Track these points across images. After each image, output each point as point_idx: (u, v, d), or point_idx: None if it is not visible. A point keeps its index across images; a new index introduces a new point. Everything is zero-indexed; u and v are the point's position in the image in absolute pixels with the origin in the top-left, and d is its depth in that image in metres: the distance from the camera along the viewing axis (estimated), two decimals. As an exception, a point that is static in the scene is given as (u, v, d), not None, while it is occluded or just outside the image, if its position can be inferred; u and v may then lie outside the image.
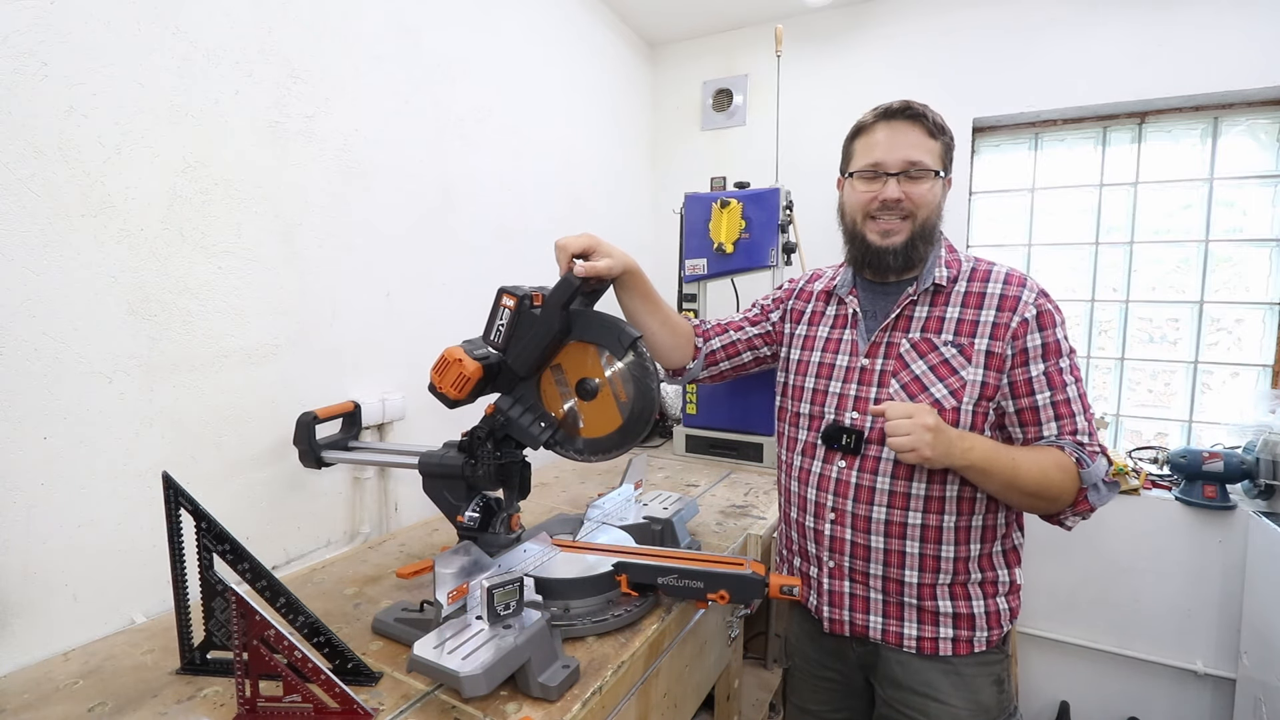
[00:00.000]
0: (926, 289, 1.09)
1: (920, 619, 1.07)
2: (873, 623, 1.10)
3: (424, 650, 0.79)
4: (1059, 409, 1.02)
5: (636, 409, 1.02)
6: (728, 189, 2.07)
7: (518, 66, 1.95)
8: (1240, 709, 2.01)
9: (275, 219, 1.25)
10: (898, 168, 1.05)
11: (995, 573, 1.08)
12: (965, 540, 1.06)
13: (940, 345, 1.06)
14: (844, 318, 1.18)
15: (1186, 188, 2.19)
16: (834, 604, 1.13)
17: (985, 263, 1.11)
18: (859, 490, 1.08)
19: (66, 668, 0.91)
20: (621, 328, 1.02)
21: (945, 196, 1.11)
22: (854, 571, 1.10)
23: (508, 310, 1.01)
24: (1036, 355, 1.02)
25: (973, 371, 1.03)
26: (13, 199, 0.89)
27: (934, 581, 1.06)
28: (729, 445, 2.06)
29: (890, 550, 1.07)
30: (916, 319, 1.09)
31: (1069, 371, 1.03)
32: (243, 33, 1.18)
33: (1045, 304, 1.04)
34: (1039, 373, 1.02)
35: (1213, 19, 1.97)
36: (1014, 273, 1.08)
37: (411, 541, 1.41)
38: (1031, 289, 1.05)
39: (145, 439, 1.06)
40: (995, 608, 1.08)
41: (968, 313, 1.06)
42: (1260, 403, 2.04)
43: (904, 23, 2.39)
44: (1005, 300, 1.04)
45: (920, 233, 1.07)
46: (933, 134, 1.06)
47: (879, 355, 1.10)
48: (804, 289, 1.29)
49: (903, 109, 1.07)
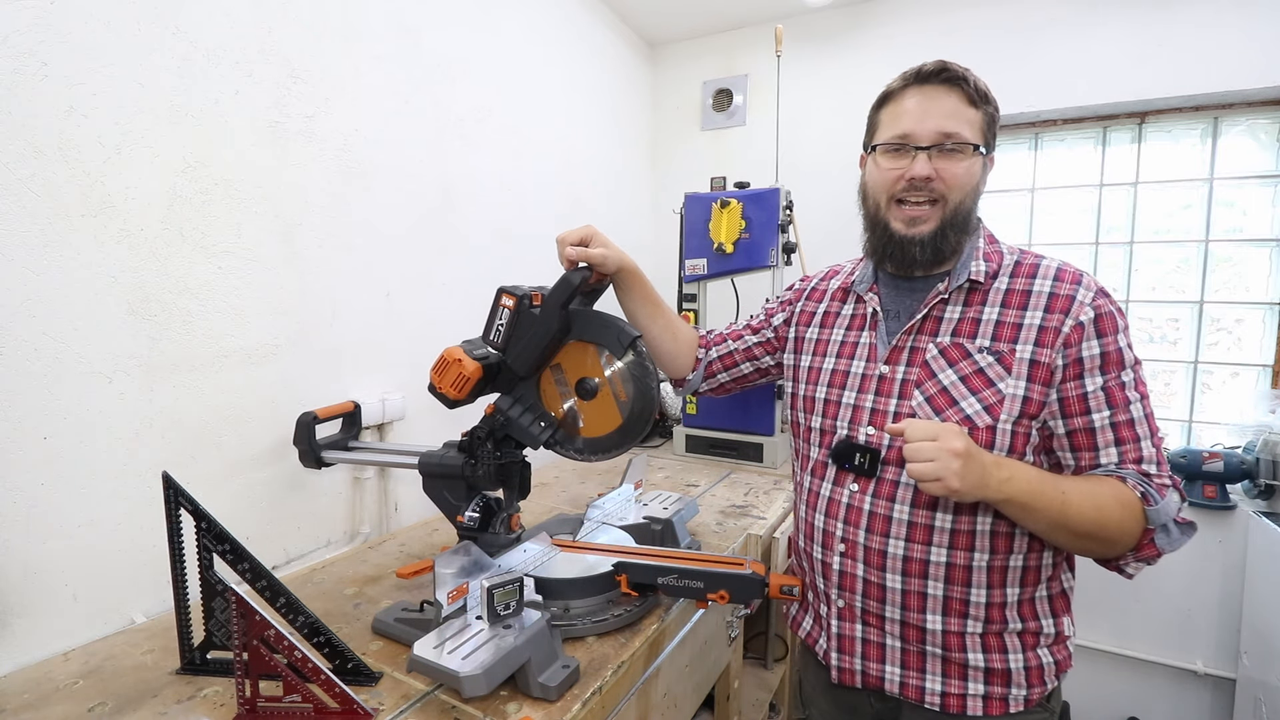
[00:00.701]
0: (960, 285, 0.93)
1: (945, 671, 0.91)
2: (889, 674, 0.94)
3: (424, 650, 0.79)
4: (1120, 432, 0.84)
5: (636, 408, 1.02)
6: (728, 189, 2.07)
7: (518, 66, 1.95)
8: (1240, 709, 2.01)
9: (275, 219, 1.25)
10: (930, 140, 0.89)
11: (1038, 622, 0.91)
12: (1001, 583, 0.89)
13: (975, 352, 0.90)
14: (862, 318, 1.03)
15: (1186, 188, 2.19)
16: (844, 650, 0.98)
17: (1033, 256, 0.95)
18: (873, 519, 0.93)
19: (66, 668, 0.91)
20: (621, 327, 1.02)
21: (985, 178, 0.95)
22: (867, 613, 0.95)
23: (507, 310, 1.01)
24: (1094, 366, 0.85)
25: (1012, 384, 0.87)
26: (13, 199, 0.89)
27: (962, 629, 0.90)
28: (729, 445, 2.06)
29: (909, 591, 0.91)
30: (947, 320, 0.93)
31: (1133, 386, 0.86)
32: (243, 33, 1.18)
33: (1105, 305, 0.87)
34: (1096, 387, 0.85)
35: (1213, 19, 1.97)
36: (1067, 268, 0.92)
37: (411, 541, 1.41)
38: (1089, 287, 0.88)
39: (145, 439, 1.06)
40: (1037, 661, 0.90)
41: (1009, 314, 0.90)
42: (1260, 403, 2.04)
43: (904, 23, 2.39)
44: (1056, 300, 0.88)
45: (952, 220, 0.91)
46: (974, 101, 0.90)
47: (901, 362, 0.95)
48: (817, 287, 1.16)
49: (937, 71, 0.91)
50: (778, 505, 1.65)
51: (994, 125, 0.93)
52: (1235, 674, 2.04)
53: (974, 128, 0.90)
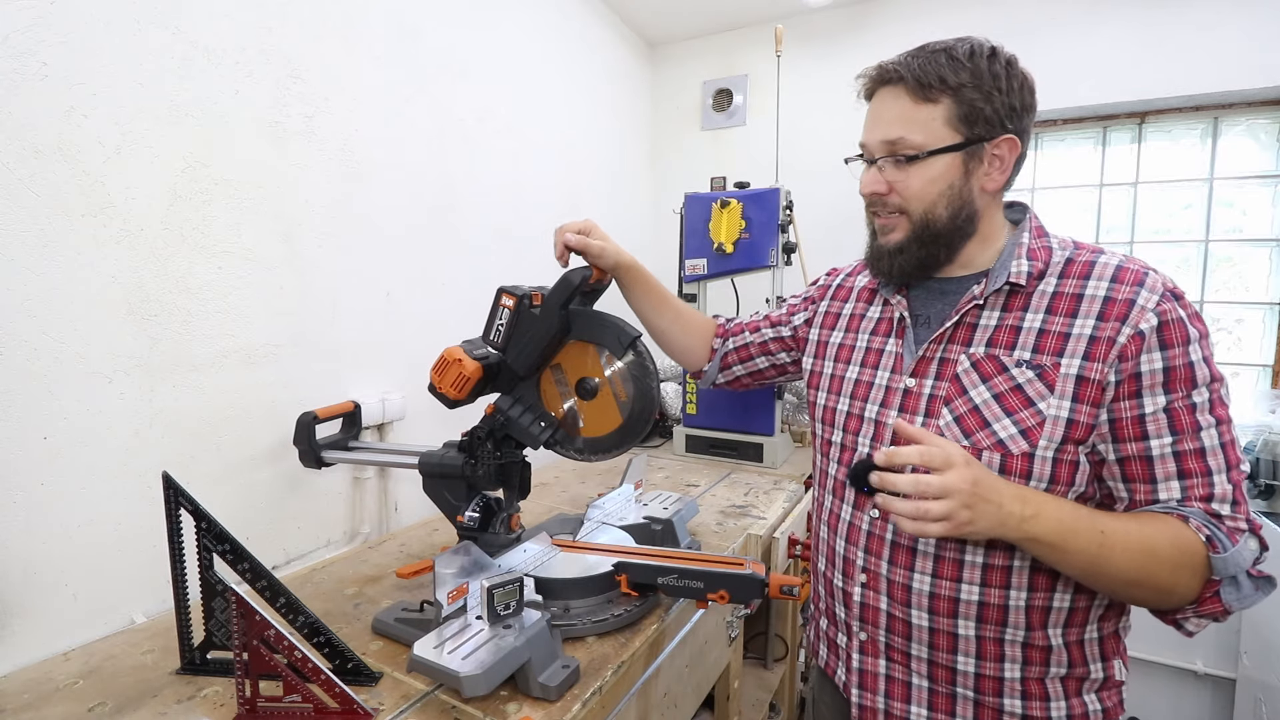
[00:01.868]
0: (999, 289, 0.81)
1: (979, 716, 0.82)
2: (915, 714, 0.85)
3: (424, 650, 0.79)
4: (1186, 463, 0.71)
5: (636, 408, 1.02)
6: (728, 189, 2.07)
7: (518, 66, 1.95)
8: (1240, 709, 2.01)
9: (275, 219, 1.25)
10: (877, 151, 0.83)
11: (1085, 667, 0.81)
12: (1042, 624, 0.79)
13: (1012, 366, 0.78)
14: (889, 322, 0.93)
15: (1186, 188, 2.19)
16: (865, 686, 0.90)
17: (1089, 251, 0.81)
18: (895, 550, 0.84)
19: (66, 668, 0.91)
20: (621, 327, 1.02)
21: (987, 174, 0.82)
22: (891, 649, 0.87)
23: (507, 310, 1.01)
24: (1155, 384, 0.72)
25: (1055, 404, 0.75)
26: (13, 199, 0.89)
27: (998, 674, 0.81)
28: (729, 445, 2.06)
29: (938, 630, 0.82)
30: (983, 328, 0.82)
31: (1207, 409, 0.72)
32: (243, 33, 1.18)
33: (1173, 310, 0.73)
34: (1157, 409, 0.72)
35: (1213, 19, 1.97)
36: (1129, 266, 0.77)
37: (411, 541, 1.41)
38: (1153, 288, 0.74)
39: (145, 439, 1.06)
40: (1082, 709, 0.81)
41: (1055, 322, 0.77)
42: (1260, 403, 2.04)
43: (904, 23, 2.39)
44: (1112, 305, 0.75)
45: (921, 234, 0.83)
46: (925, 96, 0.79)
47: (929, 375, 0.85)
48: (843, 284, 1.06)
49: (877, 75, 0.84)
50: (778, 505, 1.65)
51: (972, 108, 0.79)
52: (1235, 674, 2.04)
53: (929, 126, 0.79)
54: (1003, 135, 0.81)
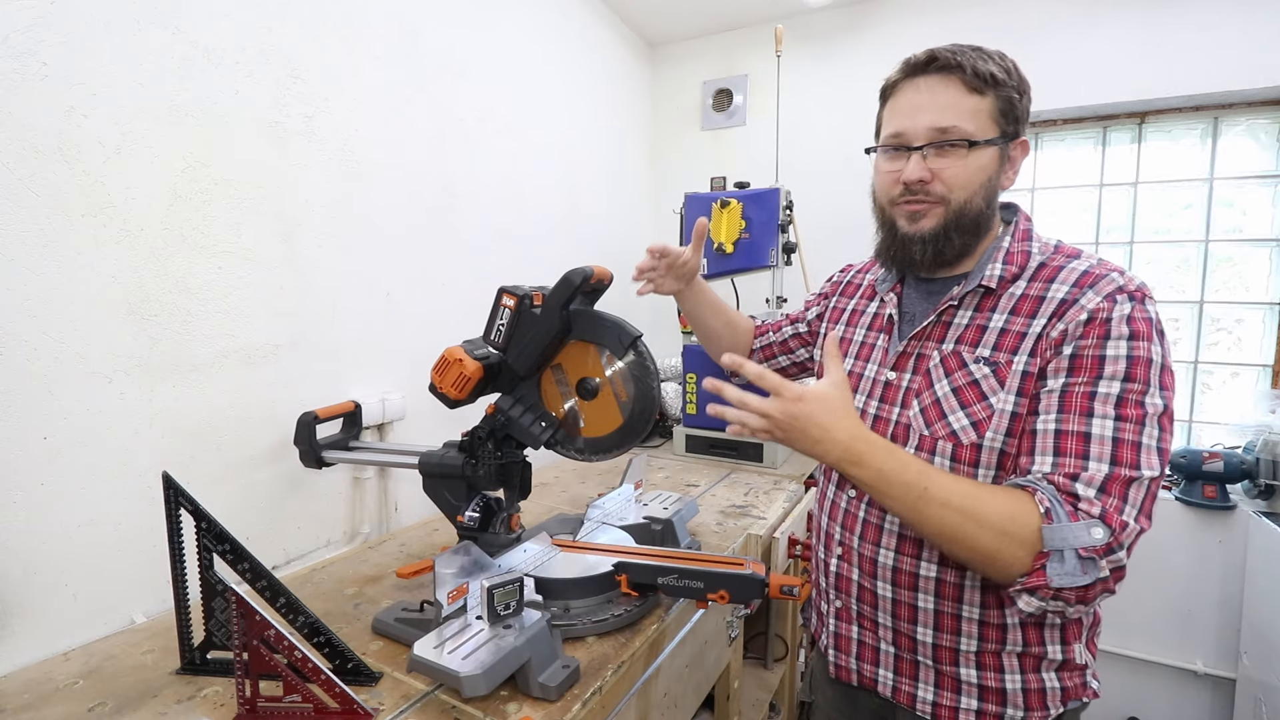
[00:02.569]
0: (973, 290, 0.86)
1: (938, 683, 0.88)
2: (882, 677, 0.94)
3: (424, 650, 0.79)
4: (1062, 441, 0.73)
5: (637, 409, 1.02)
6: (728, 189, 2.07)
7: (518, 66, 1.95)
8: (1240, 709, 2.01)
9: (275, 219, 1.25)
10: (923, 138, 0.82)
11: (1042, 648, 0.83)
12: (998, 604, 0.83)
13: (971, 362, 0.83)
14: (882, 319, 0.99)
15: (1186, 188, 2.19)
16: (840, 648, 1.00)
17: (1064, 256, 0.84)
18: (866, 526, 0.93)
19: (66, 668, 0.91)
20: (622, 326, 1.02)
21: (1011, 170, 0.86)
22: (862, 616, 0.96)
23: (508, 310, 1.01)
24: (1060, 368, 0.76)
25: (1003, 399, 0.79)
26: (13, 199, 0.89)
27: (955, 645, 0.86)
28: (729, 445, 2.06)
29: (899, 602, 0.90)
30: (955, 326, 0.87)
31: (1111, 403, 0.72)
32: (243, 33, 1.18)
33: (1106, 310, 0.75)
34: (1055, 389, 0.75)
35: (1213, 19, 1.97)
36: (1095, 270, 0.80)
37: (411, 541, 1.41)
38: (1099, 290, 0.76)
39: (145, 439, 1.06)
40: (1039, 684, 0.83)
41: (1016, 322, 0.81)
42: (1260, 403, 2.04)
43: (904, 23, 2.39)
44: (1063, 305, 0.78)
45: (957, 221, 0.84)
46: (976, 88, 0.80)
47: (907, 369, 0.91)
48: (853, 280, 1.10)
49: (928, 60, 0.83)
50: (778, 505, 1.65)
51: (1015, 107, 0.82)
52: (1235, 674, 2.04)
53: (978, 118, 0.81)
54: (1021, 137, 0.85)
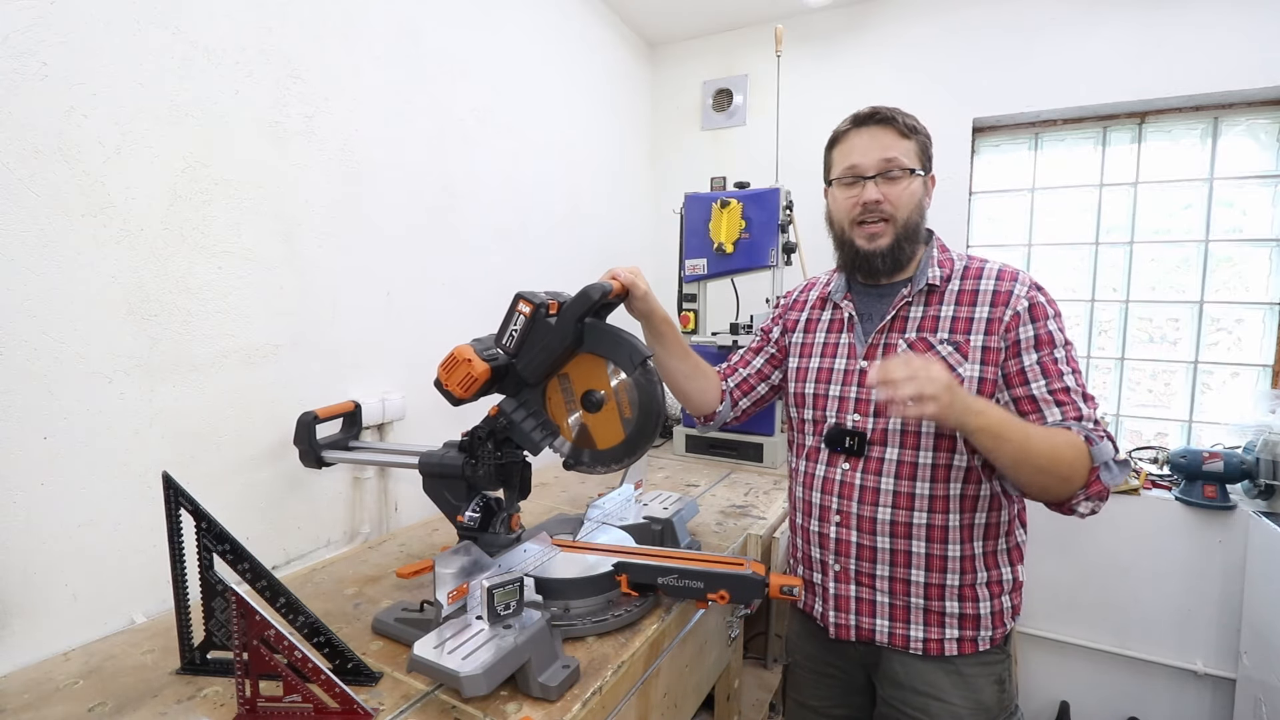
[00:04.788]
0: (921, 289, 1.10)
1: (927, 621, 1.07)
2: (879, 626, 1.09)
3: (424, 650, 0.79)
4: (1058, 396, 1.00)
5: (640, 426, 1.02)
6: (728, 189, 2.08)
7: (518, 66, 1.95)
8: (1240, 709, 2.01)
9: (275, 219, 1.25)
10: (874, 169, 1.08)
11: (999, 570, 1.08)
12: (970, 539, 1.06)
13: (936, 344, 1.07)
14: (840, 321, 1.19)
15: (1186, 188, 2.19)
16: (840, 609, 1.12)
17: (978, 260, 1.13)
18: (863, 491, 1.09)
19: (66, 668, 0.91)
20: (634, 345, 1.01)
21: (928, 195, 1.13)
22: (860, 574, 1.10)
23: (523, 317, 1.00)
24: (1029, 346, 1.03)
25: (970, 368, 1.04)
26: (13, 199, 0.89)
27: (942, 582, 1.06)
28: (729, 445, 2.06)
29: (897, 550, 1.07)
30: (913, 319, 1.10)
31: (1064, 362, 1.02)
32: (243, 33, 1.18)
33: (1037, 296, 1.05)
34: (1032, 362, 1.02)
35: (1213, 19, 1.98)
36: (1006, 268, 1.09)
37: (411, 541, 1.41)
38: (1023, 283, 1.06)
39: (145, 439, 1.06)
40: (999, 607, 1.08)
41: (962, 310, 1.07)
42: (1260, 403, 2.04)
43: (904, 23, 2.39)
44: (998, 295, 1.06)
45: (904, 234, 1.09)
46: (905, 134, 1.09)
47: (877, 357, 1.11)
48: (798, 299, 1.31)
49: (871, 114, 1.11)
50: (778, 505, 1.65)
51: (926, 150, 1.11)
52: (1235, 674, 2.04)
53: (909, 155, 1.08)
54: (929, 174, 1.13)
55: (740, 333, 2.04)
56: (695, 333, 2.12)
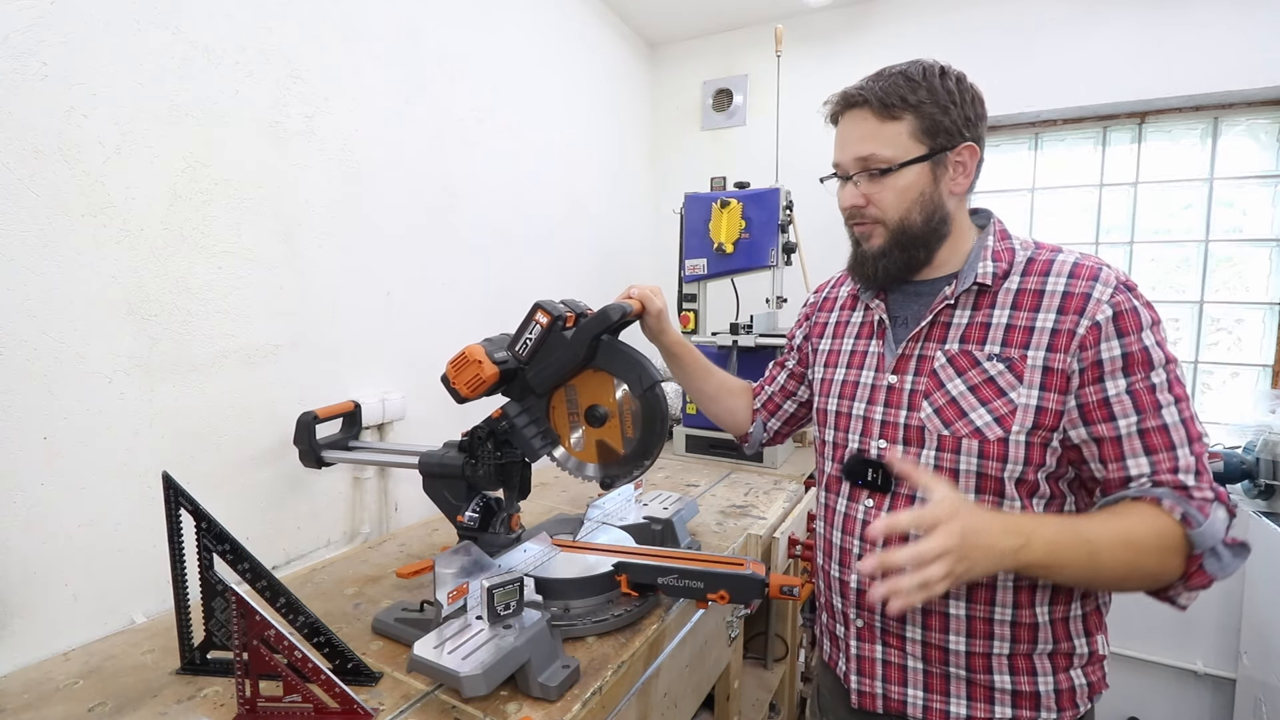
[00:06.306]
0: (968, 289, 0.87)
1: (970, 694, 0.86)
2: (911, 697, 0.89)
3: (424, 650, 0.79)
4: (1150, 439, 0.76)
5: (639, 446, 1.02)
6: (728, 189, 2.07)
7: (518, 66, 1.95)
8: (1240, 709, 2.01)
9: (275, 219, 1.25)
10: (851, 169, 0.91)
11: (1070, 643, 0.85)
12: (1029, 603, 0.84)
13: (984, 360, 0.84)
14: (870, 325, 0.99)
15: (1186, 188, 2.19)
16: (863, 672, 0.93)
17: (1048, 250, 0.87)
18: (889, 538, 0.88)
19: (66, 668, 0.91)
20: (645, 367, 1.00)
21: (954, 178, 0.88)
22: (887, 633, 0.91)
23: (539, 326, 1.00)
24: (1115, 369, 0.78)
25: (1025, 393, 0.81)
26: (13, 199, 0.89)
27: (988, 650, 0.85)
28: (729, 445, 2.06)
29: (930, 612, 0.86)
30: (955, 326, 0.88)
31: (1166, 389, 0.77)
32: (243, 33, 1.18)
33: (1125, 300, 0.79)
34: (1119, 391, 0.77)
35: (1213, 19, 1.97)
36: (1085, 262, 0.83)
37: (411, 541, 1.41)
38: (1107, 281, 0.80)
39: (145, 439, 1.06)
40: (1069, 683, 0.85)
41: (1020, 317, 0.83)
42: (1260, 403, 2.04)
43: (904, 23, 2.39)
44: (1070, 299, 0.80)
45: (898, 238, 0.89)
46: (887, 115, 0.86)
47: (909, 371, 0.90)
48: (829, 296, 1.12)
49: (843, 100, 0.91)
50: (778, 505, 1.65)
51: (936, 123, 0.85)
52: (1235, 674, 2.04)
53: (896, 141, 0.86)
54: (963, 143, 0.87)
55: (740, 333, 2.04)
56: (695, 333, 2.12)
